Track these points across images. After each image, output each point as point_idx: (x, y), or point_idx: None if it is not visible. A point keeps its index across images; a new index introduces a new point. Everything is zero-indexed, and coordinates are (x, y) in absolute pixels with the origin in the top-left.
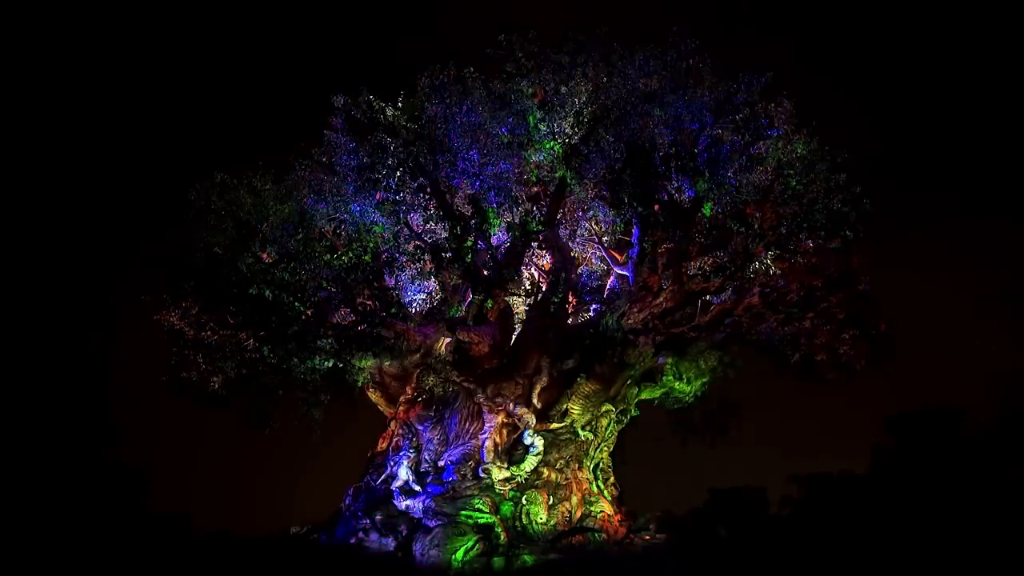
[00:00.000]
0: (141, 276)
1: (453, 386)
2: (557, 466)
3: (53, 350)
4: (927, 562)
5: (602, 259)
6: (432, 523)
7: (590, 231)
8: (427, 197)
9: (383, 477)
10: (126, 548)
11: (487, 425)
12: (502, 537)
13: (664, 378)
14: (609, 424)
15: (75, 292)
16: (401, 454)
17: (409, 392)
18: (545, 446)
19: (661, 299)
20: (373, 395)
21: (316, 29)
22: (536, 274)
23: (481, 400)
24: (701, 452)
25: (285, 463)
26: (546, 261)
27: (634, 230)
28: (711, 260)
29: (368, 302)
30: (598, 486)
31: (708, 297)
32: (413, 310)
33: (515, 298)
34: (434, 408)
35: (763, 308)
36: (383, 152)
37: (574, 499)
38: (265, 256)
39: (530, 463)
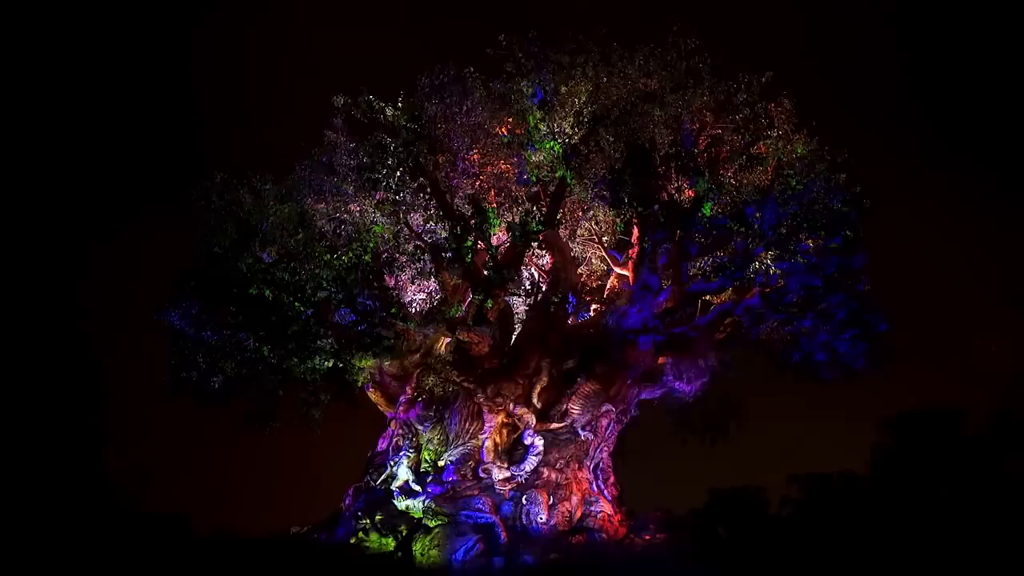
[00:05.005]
0: (141, 276)
1: (453, 386)
2: (557, 466)
3: (52, 350)
4: (927, 562)
5: (602, 259)
6: (432, 523)
7: (590, 231)
8: (427, 197)
9: (383, 477)
10: (126, 548)
11: (487, 425)
12: (502, 537)
13: (664, 378)
14: (609, 424)
15: (75, 292)
16: (401, 454)
17: (409, 392)
18: (545, 446)
19: (661, 299)
20: (373, 395)
21: (316, 29)
22: (536, 274)
23: (481, 400)
24: (701, 452)
25: (285, 463)
26: (546, 261)
27: (634, 230)
28: (711, 260)
29: (368, 302)
30: (598, 486)
31: (708, 297)
32: (413, 310)
33: (515, 298)
34: (434, 408)
35: (763, 308)
36: (383, 152)
37: (574, 499)
38: (265, 256)
39: (530, 463)
